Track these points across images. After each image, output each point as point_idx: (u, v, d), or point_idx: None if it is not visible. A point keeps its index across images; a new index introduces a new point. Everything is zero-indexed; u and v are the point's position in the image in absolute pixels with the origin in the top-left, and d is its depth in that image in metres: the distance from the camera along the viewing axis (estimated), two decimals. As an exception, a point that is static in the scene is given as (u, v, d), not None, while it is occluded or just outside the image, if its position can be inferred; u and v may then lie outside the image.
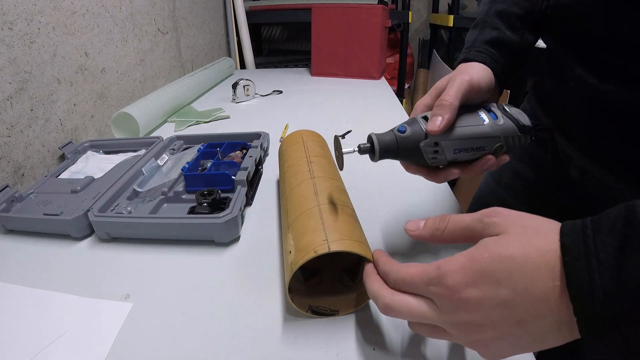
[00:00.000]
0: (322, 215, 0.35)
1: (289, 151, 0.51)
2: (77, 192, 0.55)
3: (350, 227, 0.34)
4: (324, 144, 0.54)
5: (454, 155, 0.35)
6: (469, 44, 0.43)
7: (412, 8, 2.00)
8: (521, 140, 0.36)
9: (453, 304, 0.23)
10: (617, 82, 0.37)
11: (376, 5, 1.26)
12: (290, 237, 0.35)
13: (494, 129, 0.35)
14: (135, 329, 0.35)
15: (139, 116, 0.78)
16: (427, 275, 0.25)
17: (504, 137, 0.35)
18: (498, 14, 0.43)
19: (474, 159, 0.36)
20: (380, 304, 0.27)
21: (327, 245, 0.31)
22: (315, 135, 0.54)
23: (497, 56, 0.40)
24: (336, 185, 0.42)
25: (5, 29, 0.57)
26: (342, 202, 0.38)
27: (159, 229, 0.46)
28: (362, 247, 0.32)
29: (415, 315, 0.25)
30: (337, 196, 0.39)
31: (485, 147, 0.35)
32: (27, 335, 0.35)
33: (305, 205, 0.37)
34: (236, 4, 1.52)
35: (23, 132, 0.61)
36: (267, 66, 1.70)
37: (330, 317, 0.35)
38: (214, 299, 0.38)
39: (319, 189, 0.39)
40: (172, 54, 1.15)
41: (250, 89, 1.06)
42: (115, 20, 0.85)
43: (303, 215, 0.36)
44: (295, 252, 0.33)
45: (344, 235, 0.33)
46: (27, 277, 0.42)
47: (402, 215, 0.50)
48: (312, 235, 0.33)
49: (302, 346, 0.33)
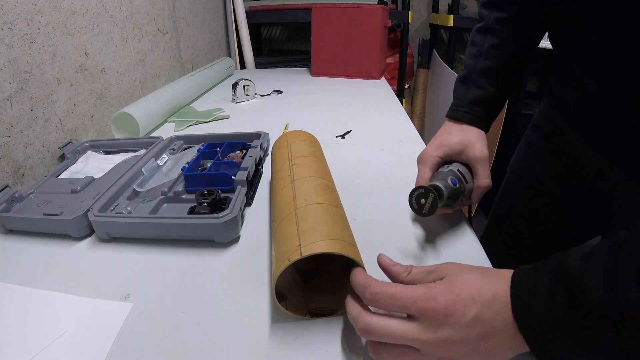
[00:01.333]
0: (297, 219, 0.35)
1: (276, 157, 0.50)
2: (77, 192, 0.55)
3: (328, 226, 0.33)
4: (312, 140, 0.53)
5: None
6: (457, 100, 0.53)
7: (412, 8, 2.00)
8: None
9: (439, 319, 0.26)
10: (626, 86, 0.39)
11: (376, 5, 1.26)
12: (272, 247, 0.35)
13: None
14: (135, 329, 0.35)
15: (139, 116, 0.78)
16: (416, 291, 0.27)
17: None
18: (484, 72, 0.51)
19: None
20: (360, 324, 0.28)
21: (299, 251, 0.31)
22: (302, 134, 0.53)
23: (481, 113, 0.51)
24: (318, 183, 0.41)
25: (5, 29, 0.57)
26: (324, 200, 0.38)
27: (159, 229, 0.46)
28: (341, 245, 0.31)
29: (395, 333, 0.27)
30: (318, 195, 0.38)
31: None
32: (27, 335, 0.35)
33: (285, 212, 0.37)
34: (236, 4, 1.52)
35: (23, 132, 0.61)
36: (267, 66, 1.70)
37: (330, 316, 0.35)
38: (214, 299, 0.38)
39: (297, 192, 0.39)
40: (172, 54, 1.15)
41: (250, 89, 1.06)
42: (115, 20, 0.85)
43: (282, 222, 0.36)
44: (275, 262, 0.33)
45: (321, 236, 0.32)
46: (27, 277, 0.42)
47: (403, 215, 0.50)
48: (287, 243, 0.33)
49: (302, 346, 0.33)
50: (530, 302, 0.25)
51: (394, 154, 0.70)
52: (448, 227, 0.48)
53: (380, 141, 0.76)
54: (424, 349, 0.27)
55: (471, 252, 0.44)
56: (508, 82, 0.52)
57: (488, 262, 0.42)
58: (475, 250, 0.44)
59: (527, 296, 0.25)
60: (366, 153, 0.70)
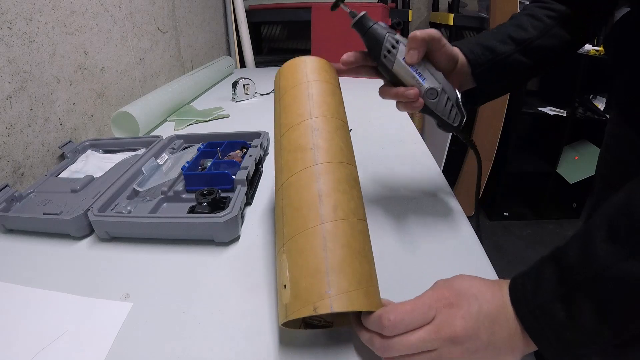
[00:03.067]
0: (326, 244, 0.29)
1: (286, 97, 0.39)
2: (76, 191, 0.55)
3: (359, 263, 0.29)
4: (336, 82, 0.44)
5: (399, 66, 0.41)
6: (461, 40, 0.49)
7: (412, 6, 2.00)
8: (448, 103, 0.43)
9: (452, 311, 0.28)
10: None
11: (376, 4, 1.26)
12: (285, 263, 0.30)
13: (437, 77, 0.42)
14: (135, 328, 0.35)
15: (139, 115, 0.78)
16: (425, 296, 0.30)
17: (441, 89, 0.42)
18: (494, 30, 0.48)
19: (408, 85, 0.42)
20: (377, 345, 0.29)
21: (330, 305, 0.27)
22: (325, 69, 0.42)
23: (478, 53, 0.46)
24: (347, 174, 0.34)
25: (5, 28, 0.57)
26: (352, 212, 0.31)
27: (159, 228, 0.46)
28: (370, 300, 0.28)
29: (414, 342, 0.28)
30: (347, 200, 0.32)
31: (421, 85, 0.42)
32: (27, 335, 0.35)
33: (305, 219, 0.31)
34: (236, 3, 1.52)
35: (22, 131, 0.61)
36: (267, 65, 1.70)
37: (324, 328, 0.34)
38: (213, 298, 0.38)
39: (323, 190, 0.32)
40: (172, 52, 1.15)
41: (250, 87, 1.06)
42: (114, 19, 0.85)
43: (302, 235, 0.30)
44: (291, 297, 0.28)
45: (354, 280, 0.28)
46: (27, 277, 0.42)
47: (403, 215, 0.50)
48: (312, 279, 0.28)
49: (300, 347, 0.33)
50: (525, 283, 0.28)
51: (394, 153, 0.69)
52: (451, 231, 0.48)
53: (381, 140, 0.76)
54: (442, 346, 0.27)
55: (473, 250, 0.44)
56: (513, 54, 0.47)
57: (488, 262, 0.42)
58: (476, 249, 0.44)
59: (521, 280, 0.29)
60: (366, 152, 0.70)
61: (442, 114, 0.43)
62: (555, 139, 1.83)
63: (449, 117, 0.43)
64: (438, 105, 0.42)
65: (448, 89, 0.42)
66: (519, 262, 1.71)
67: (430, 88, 0.41)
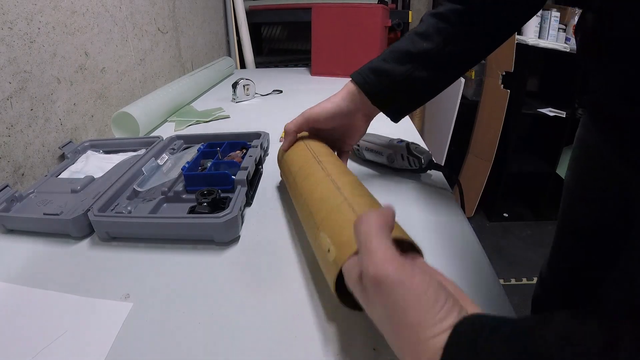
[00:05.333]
0: (353, 208, 0.34)
1: (291, 156, 0.49)
2: (77, 191, 0.55)
3: None
4: (323, 143, 0.53)
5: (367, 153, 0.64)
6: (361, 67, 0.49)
7: (412, 7, 2.00)
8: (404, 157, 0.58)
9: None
10: None
11: (376, 4, 1.26)
12: (323, 236, 0.33)
13: (390, 144, 0.60)
14: (135, 329, 0.35)
15: (139, 116, 0.78)
16: None
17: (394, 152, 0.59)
18: (394, 46, 0.48)
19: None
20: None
21: None
22: (314, 137, 0.53)
23: (373, 81, 0.47)
24: (354, 179, 0.41)
25: (5, 29, 0.57)
26: (366, 194, 0.38)
27: (159, 228, 0.46)
28: (404, 233, 0.32)
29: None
30: (360, 187, 0.39)
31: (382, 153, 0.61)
32: (27, 335, 0.35)
33: (332, 202, 0.36)
34: (236, 4, 1.52)
35: (23, 131, 0.61)
36: (267, 66, 1.70)
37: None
38: (213, 298, 0.38)
39: (340, 185, 0.38)
40: (172, 53, 1.15)
41: (250, 88, 1.06)
42: (115, 20, 0.85)
43: (332, 212, 0.35)
44: (337, 248, 0.31)
45: None
46: (27, 277, 0.42)
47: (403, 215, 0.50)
48: (351, 230, 0.30)
49: (301, 346, 0.33)
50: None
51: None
52: (451, 232, 0.48)
53: (381, 141, 0.76)
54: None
55: (473, 250, 0.44)
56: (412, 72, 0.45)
57: (488, 262, 0.42)
58: (476, 250, 0.44)
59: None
60: (366, 153, 0.70)
61: (402, 167, 0.58)
62: (555, 139, 1.83)
63: (411, 166, 0.57)
64: (397, 164, 0.59)
65: (394, 148, 0.58)
66: (518, 263, 1.71)
67: (388, 156, 0.59)
